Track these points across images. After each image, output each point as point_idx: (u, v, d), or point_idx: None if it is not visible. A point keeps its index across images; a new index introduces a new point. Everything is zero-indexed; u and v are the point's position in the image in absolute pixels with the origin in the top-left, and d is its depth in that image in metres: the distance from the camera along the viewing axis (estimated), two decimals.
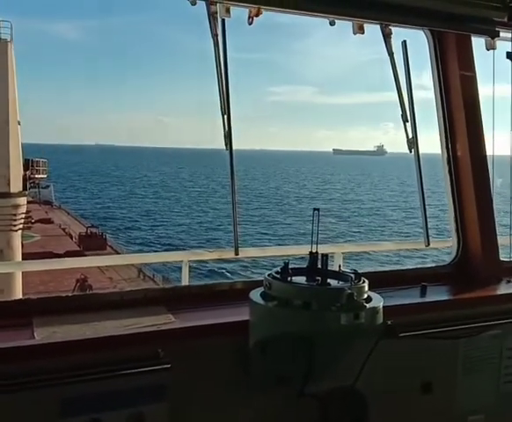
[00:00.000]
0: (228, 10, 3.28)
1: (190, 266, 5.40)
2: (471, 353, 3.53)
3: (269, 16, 3.44)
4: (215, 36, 3.31)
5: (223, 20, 3.29)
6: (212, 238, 45.10)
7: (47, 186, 58.19)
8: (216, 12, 3.29)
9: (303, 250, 3.00)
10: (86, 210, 63.36)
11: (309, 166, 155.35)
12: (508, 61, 3.94)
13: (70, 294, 3.20)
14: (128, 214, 63.49)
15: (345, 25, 3.64)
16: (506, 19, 3.78)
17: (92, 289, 20.63)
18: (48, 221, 44.79)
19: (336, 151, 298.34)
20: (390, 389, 3.23)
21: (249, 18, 3.34)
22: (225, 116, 3.38)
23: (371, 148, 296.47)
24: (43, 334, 2.69)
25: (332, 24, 3.56)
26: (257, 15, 3.32)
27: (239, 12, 3.35)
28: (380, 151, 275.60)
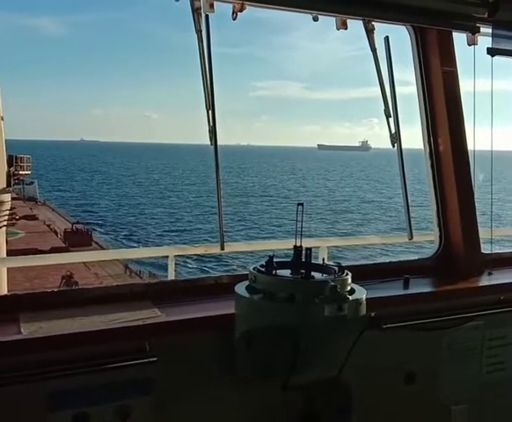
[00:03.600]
0: (212, 6, 3.29)
1: None
2: (453, 344, 3.59)
3: (254, 11, 3.47)
4: (199, 32, 3.32)
5: (207, 16, 3.31)
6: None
7: (32, 183, 57.87)
8: (200, 8, 3.31)
9: (289, 244, 3.03)
10: (71, 206, 62.79)
11: (300, 162, 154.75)
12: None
13: (57, 290, 3.21)
14: (115, 210, 62.70)
15: (328, 21, 3.68)
16: (486, 15, 3.83)
17: (78, 286, 20.53)
18: (33, 218, 44.38)
19: (321, 147, 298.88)
20: (374, 380, 3.28)
21: (233, 13, 3.35)
22: (210, 111, 3.40)
23: (356, 143, 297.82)
24: (30, 329, 2.70)
25: (315, 19, 3.59)
26: (241, 10, 3.34)
27: (223, 8, 3.37)
28: (364, 147, 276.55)
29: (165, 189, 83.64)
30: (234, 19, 3.37)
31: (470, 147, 4.06)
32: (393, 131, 3.96)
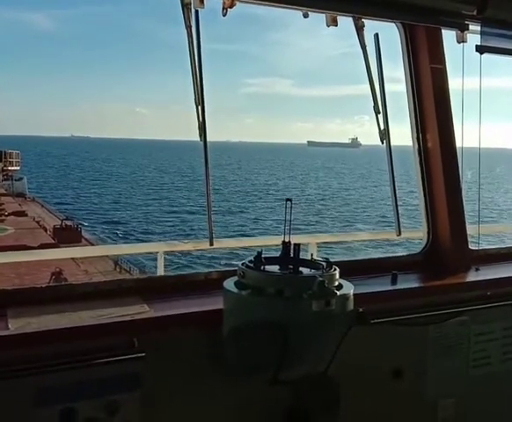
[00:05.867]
0: (202, 1, 3.29)
1: None
2: (440, 339, 3.62)
3: (244, 7, 3.47)
4: (188, 27, 3.32)
5: (197, 11, 3.31)
6: None
7: (21, 179, 57.68)
8: (190, 3, 3.30)
9: (278, 240, 3.04)
10: (61, 203, 62.30)
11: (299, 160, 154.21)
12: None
13: (45, 286, 3.20)
14: (109, 209, 61.88)
15: (319, 18, 3.68)
16: (475, 13, 3.85)
17: (69, 282, 20.35)
18: (22, 214, 44.10)
19: (310, 143, 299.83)
20: (361, 375, 3.30)
21: (223, 9, 3.35)
22: (199, 107, 3.40)
23: (346, 140, 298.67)
24: (17, 325, 2.69)
25: (305, 16, 3.59)
26: (231, 6, 3.34)
27: (214, 3, 3.37)
28: (354, 143, 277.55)
29: (163, 186, 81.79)
30: (224, 15, 3.37)
31: (458, 144, 4.10)
32: (382, 128, 3.98)
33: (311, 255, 2.97)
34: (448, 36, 4.04)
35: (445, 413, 3.67)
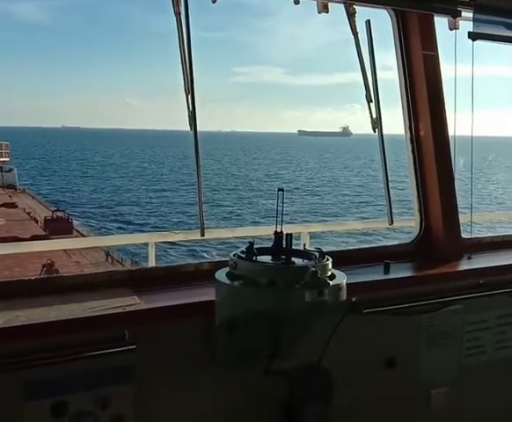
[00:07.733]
0: None
1: None
2: (433, 329, 3.62)
3: None
4: (177, 14, 3.27)
5: None
6: None
7: (11, 170, 57.30)
8: None
9: (271, 230, 3.01)
10: (52, 194, 61.88)
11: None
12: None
13: (34, 278, 3.16)
14: (97, 198, 61.35)
15: (310, 4, 3.64)
16: None
17: (59, 274, 20.32)
18: (13, 206, 43.90)
19: (301, 132, 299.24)
20: (355, 365, 3.29)
21: None
22: (189, 96, 3.36)
23: (337, 129, 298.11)
24: (6, 318, 2.65)
25: (296, 2, 3.55)
26: None
27: None
28: (345, 132, 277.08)
29: (161, 178, 79.29)
30: (214, 2, 3.33)
31: (451, 132, 4.07)
32: (374, 116, 3.95)
33: (304, 245, 2.94)
34: (439, 23, 4.01)
35: (438, 402, 3.67)
